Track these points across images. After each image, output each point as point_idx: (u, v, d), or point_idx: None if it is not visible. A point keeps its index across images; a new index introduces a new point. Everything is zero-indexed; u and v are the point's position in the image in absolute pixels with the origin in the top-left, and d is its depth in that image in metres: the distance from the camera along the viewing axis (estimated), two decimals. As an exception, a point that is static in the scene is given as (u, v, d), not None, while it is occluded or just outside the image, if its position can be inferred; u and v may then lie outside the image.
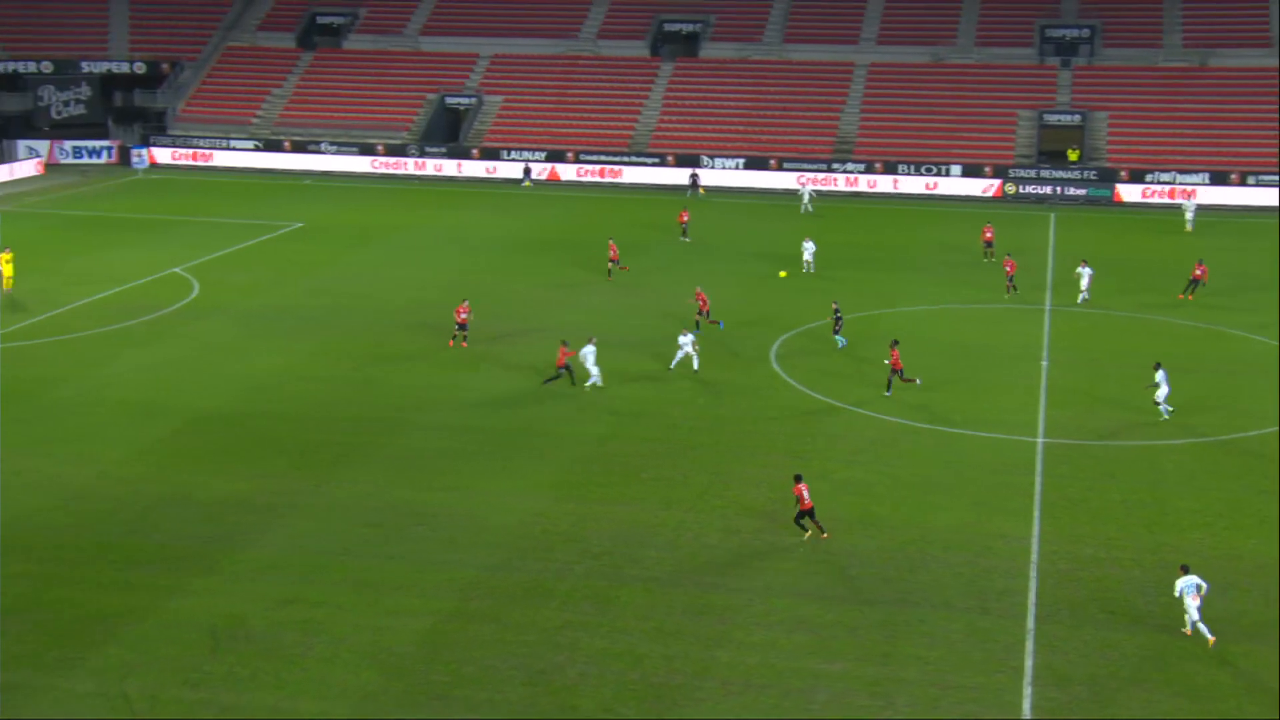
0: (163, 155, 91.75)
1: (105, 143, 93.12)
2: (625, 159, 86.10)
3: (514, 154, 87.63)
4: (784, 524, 31.34)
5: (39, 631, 26.12)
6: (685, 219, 67.08)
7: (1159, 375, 38.82)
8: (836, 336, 45.99)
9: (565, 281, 56.68)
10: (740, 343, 46.99)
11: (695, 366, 43.41)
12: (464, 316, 46.12)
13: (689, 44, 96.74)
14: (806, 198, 75.89)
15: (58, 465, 34.57)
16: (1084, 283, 52.94)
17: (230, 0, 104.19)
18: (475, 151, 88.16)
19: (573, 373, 41.73)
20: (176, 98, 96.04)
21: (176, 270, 58.18)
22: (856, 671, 25.13)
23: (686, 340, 43.49)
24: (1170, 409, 38.86)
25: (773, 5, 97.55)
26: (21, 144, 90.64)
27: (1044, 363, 44.79)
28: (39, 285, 54.88)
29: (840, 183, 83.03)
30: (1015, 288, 54.38)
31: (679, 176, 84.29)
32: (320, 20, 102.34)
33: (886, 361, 42.24)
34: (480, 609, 27.29)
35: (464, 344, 45.95)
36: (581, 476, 34.38)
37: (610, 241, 58.56)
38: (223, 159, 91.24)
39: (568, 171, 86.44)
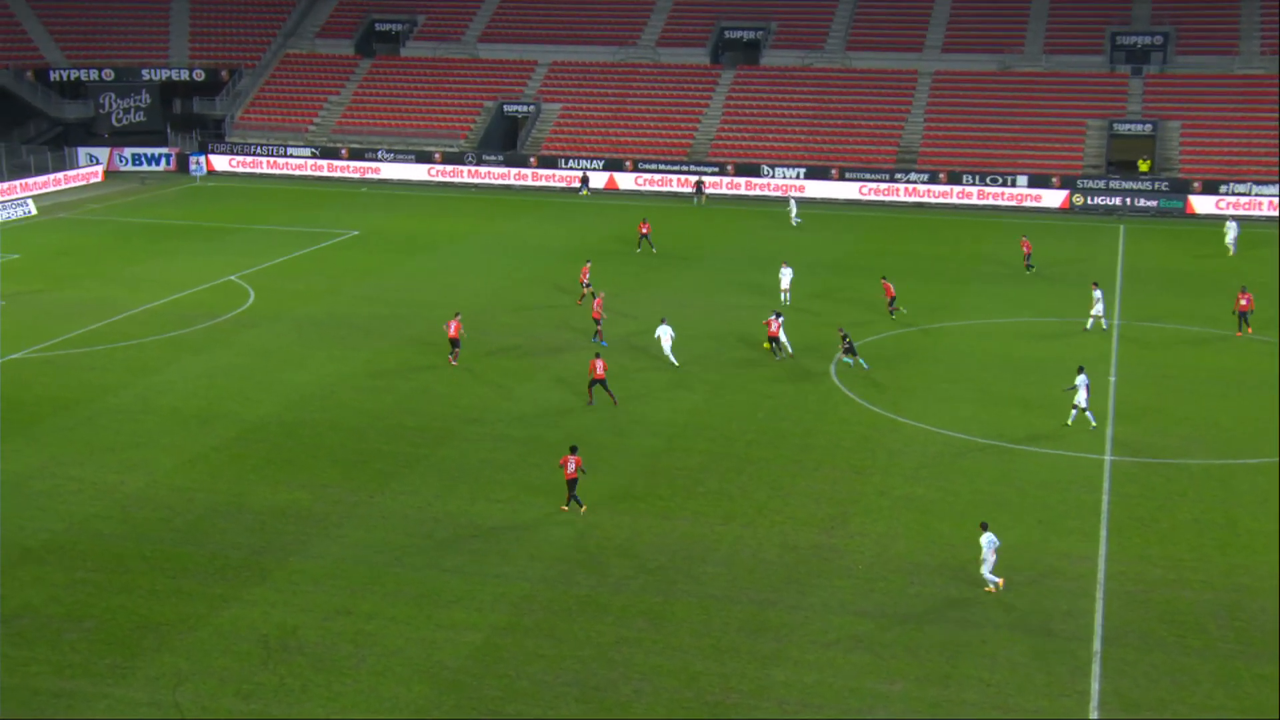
0: (220, 162, 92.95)
1: (164, 150, 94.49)
2: (684, 168, 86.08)
3: (571, 162, 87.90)
4: (844, 539, 31.11)
5: (93, 639, 26.43)
6: (646, 230, 65.25)
7: (1079, 379, 38.81)
8: (847, 359, 44.80)
9: (620, 292, 56.67)
10: (800, 354, 46.76)
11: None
12: (455, 333, 44.92)
13: (750, 51, 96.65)
14: (794, 210, 75.22)
15: (112, 473, 35.01)
16: (1097, 308, 49.90)
17: (289, 7, 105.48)
18: (532, 159, 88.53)
19: (610, 392, 41.01)
20: (234, 105, 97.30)
21: (232, 278, 58.85)
22: (916, 693, 24.85)
23: (665, 331, 45.03)
24: (1087, 415, 38.82)
25: (836, 12, 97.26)
26: (82, 151, 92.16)
27: (1111, 378, 44.19)
28: (96, 292, 55.71)
29: (901, 193, 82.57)
30: (1032, 267, 58.73)
31: (739, 186, 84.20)
32: (379, 27, 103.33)
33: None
34: (534, 623, 27.29)
35: (452, 361, 44.84)
36: (637, 489, 34.31)
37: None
38: (280, 166, 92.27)
39: (625, 180, 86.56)
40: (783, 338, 46.02)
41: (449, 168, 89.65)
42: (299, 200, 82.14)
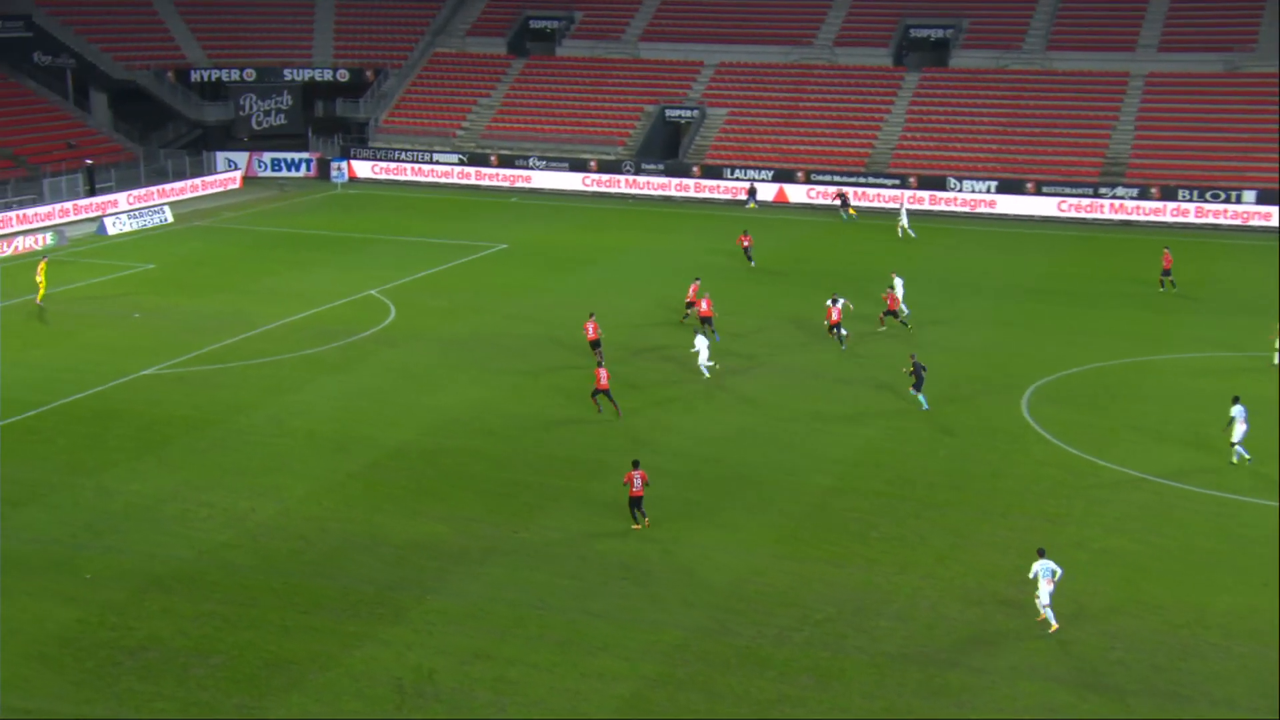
0: (363, 168, 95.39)
1: (304, 155, 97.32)
2: (862, 179, 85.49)
3: (738, 172, 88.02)
4: (1025, 594, 30.43)
5: (220, 676, 27.20)
6: (748, 242, 66.50)
7: (1235, 410, 38.73)
8: (916, 394, 43.91)
9: (789, 313, 56.48)
10: (991, 386, 45.98)
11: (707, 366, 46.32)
12: (594, 334, 47.90)
13: (938, 52, 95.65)
14: (905, 219, 75.19)
15: (243, 499, 36.08)
16: None
17: (439, 4, 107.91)
18: (695, 169, 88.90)
19: (614, 403, 42.82)
20: (379, 108, 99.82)
21: (372, 292, 60.28)
22: (1118, 773, 24.14)
23: (702, 344, 46.54)
24: (1237, 450, 38.73)
25: (1035, 8, 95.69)
26: (220, 156, 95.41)
27: (1351, 423, 42.43)
28: (231, 305, 57.60)
29: (1106, 209, 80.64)
30: (1173, 284, 59.43)
31: (923, 200, 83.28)
32: (533, 25, 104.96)
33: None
34: (688, 675, 27.24)
35: (600, 365, 45.01)
36: (804, 532, 34.08)
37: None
38: (425, 173, 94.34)
39: (797, 193, 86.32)
40: (843, 330, 49.82)
41: (605, 177, 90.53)
42: (444, 210, 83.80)
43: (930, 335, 52.89)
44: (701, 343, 47.14)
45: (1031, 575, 29.54)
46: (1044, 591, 29.13)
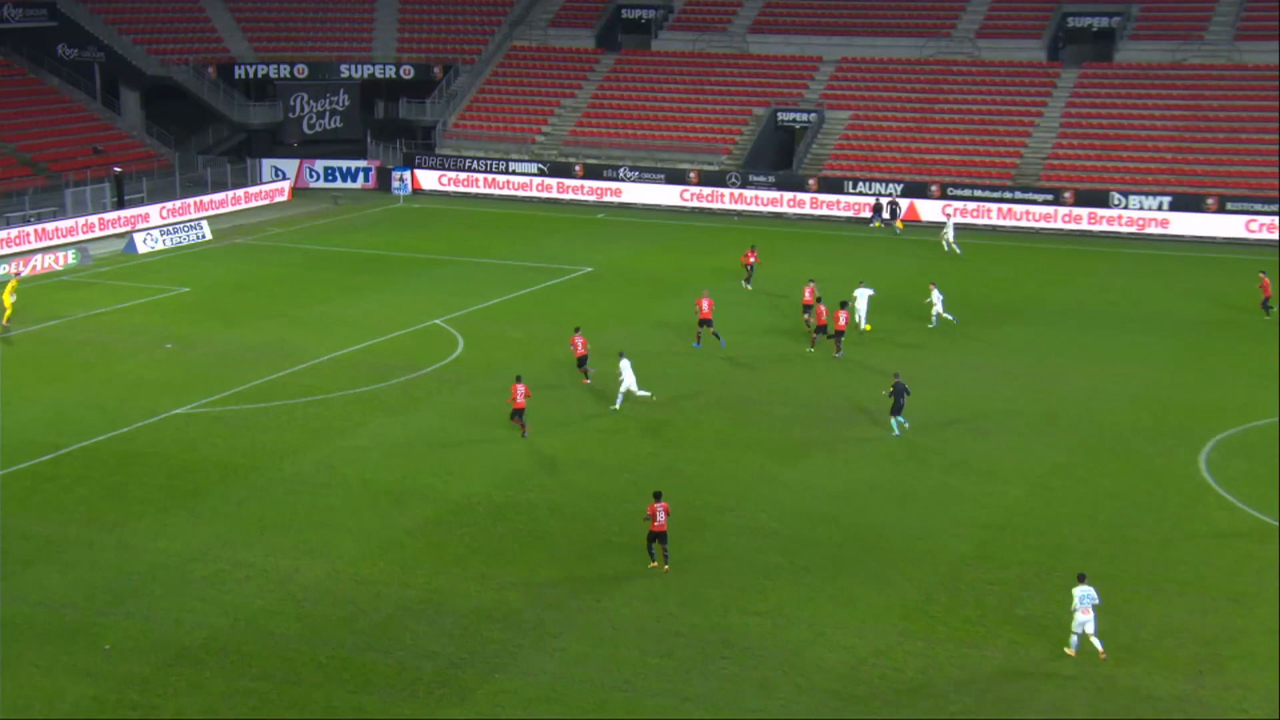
0: (428, 179, 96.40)
1: (362, 163, 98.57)
2: (1008, 194, 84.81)
3: (862, 185, 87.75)
4: (1217, 691, 29.77)
5: (254, 761, 27.36)
6: (754, 259, 68.00)
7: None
8: (894, 419, 45.95)
9: (916, 347, 56.07)
10: (1160, 437, 45.27)
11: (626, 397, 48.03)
12: (582, 350, 50.73)
13: (1101, 44, 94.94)
14: (950, 233, 76.32)
15: (286, 558, 36.35)
16: None
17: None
18: (812, 181, 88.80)
19: (523, 424, 45.79)
20: (448, 109, 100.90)
21: (437, 322, 60.72)
22: None
23: (627, 369, 48.09)
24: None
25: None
26: (266, 164, 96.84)
27: None
28: (276, 335, 58.29)
29: (1304, 230, 79.38)
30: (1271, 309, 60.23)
31: (1079, 219, 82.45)
32: (626, 14, 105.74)
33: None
34: (798, 775, 26.96)
35: (585, 380, 50.17)
36: (936, 607, 33.68)
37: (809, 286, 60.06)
38: (499, 185, 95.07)
39: (930, 209, 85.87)
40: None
41: (706, 190, 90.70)
42: (521, 227, 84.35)
43: (1082, 376, 52.26)
44: (627, 367, 48.23)
45: (1074, 605, 31.18)
46: (1084, 621, 30.99)
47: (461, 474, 42.39)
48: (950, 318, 59.63)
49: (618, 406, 48.26)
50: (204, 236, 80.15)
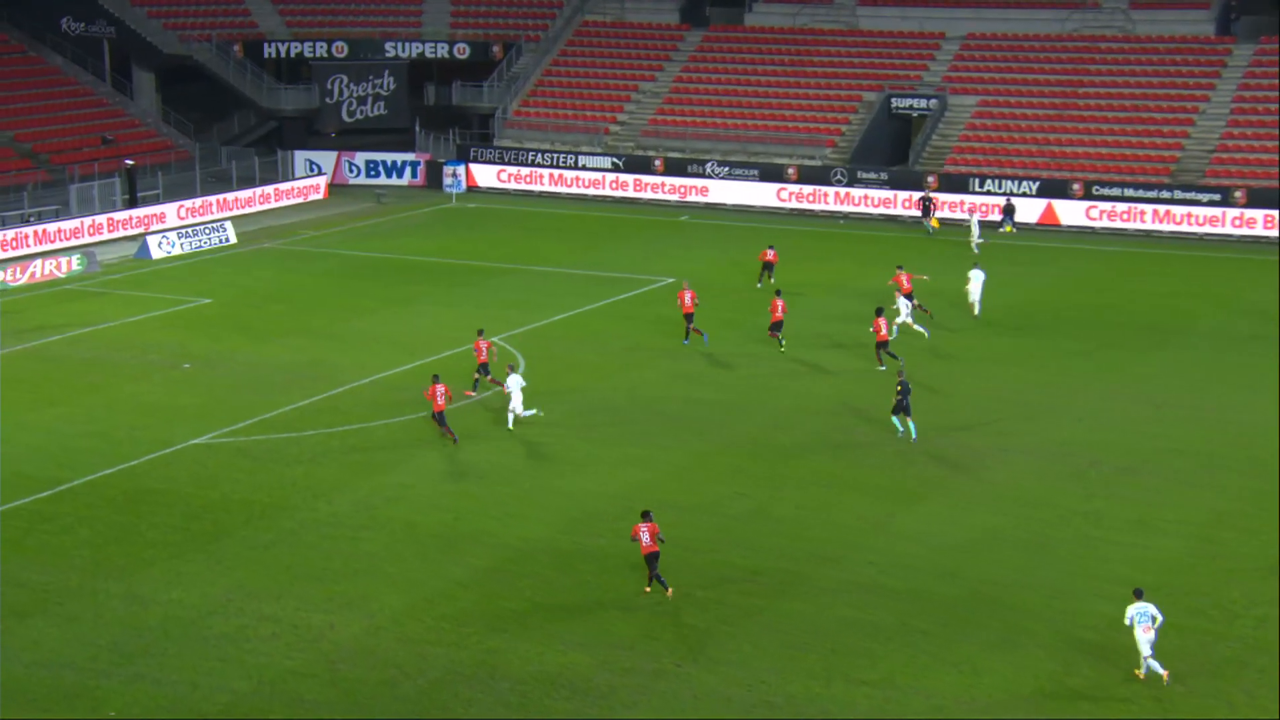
0: (485, 174, 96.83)
1: (409, 156, 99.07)
2: (1166, 194, 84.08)
3: (989, 183, 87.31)
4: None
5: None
6: (772, 258, 70.69)
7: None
8: (899, 419, 48.51)
9: (1053, 377, 55.69)
10: (1340, 485, 44.74)
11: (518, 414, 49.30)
12: (484, 357, 52.45)
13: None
14: (976, 233, 77.90)
15: (319, 612, 36.49)
16: None
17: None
18: (931, 179, 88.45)
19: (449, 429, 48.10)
20: (509, 95, 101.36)
21: (496, 340, 60.89)
22: None
23: (515, 386, 49.45)
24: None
25: None
26: (300, 156, 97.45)
27: None
28: (309, 354, 58.68)
29: None
30: None
31: (1253, 222, 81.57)
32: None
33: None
34: None
35: (492, 381, 52.00)
36: (1075, 679, 33.38)
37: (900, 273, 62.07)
38: (567, 182, 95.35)
39: (1072, 211, 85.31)
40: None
41: (808, 189, 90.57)
42: (592, 231, 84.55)
43: (1249, 408, 51.70)
44: (515, 384, 49.61)
45: (1127, 621, 32.85)
46: (1144, 641, 32.62)
47: (521, 516, 42.46)
48: (922, 330, 60.35)
49: (511, 427, 49.54)
50: (228, 240, 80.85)
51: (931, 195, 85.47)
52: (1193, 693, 32.96)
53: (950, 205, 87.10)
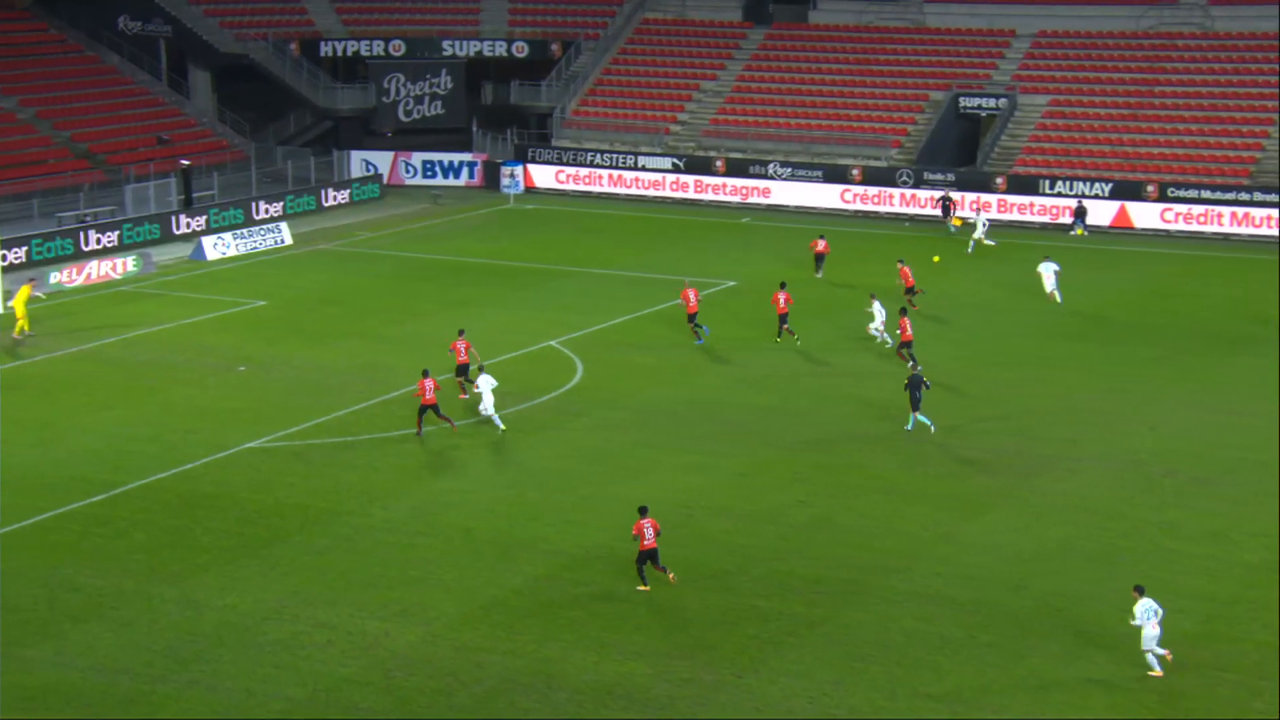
0: (543, 175, 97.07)
1: (466, 156, 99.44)
2: (1244, 196, 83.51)
3: (1061, 185, 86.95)
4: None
5: None
6: (823, 248, 73.79)
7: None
8: (917, 416, 49.93)
9: (1125, 384, 55.44)
10: None
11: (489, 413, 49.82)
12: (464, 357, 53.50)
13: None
14: (981, 231, 79.04)
15: (374, 619, 36.66)
16: None
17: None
18: (999, 180, 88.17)
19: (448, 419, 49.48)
20: (567, 94, 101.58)
21: (552, 344, 61.08)
22: None
23: (486, 386, 49.91)
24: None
25: None
26: (355, 156, 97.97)
27: None
28: (365, 357, 58.97)
29: None
30: None
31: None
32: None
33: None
34: None
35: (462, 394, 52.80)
36: (1150, 697, 33.16)
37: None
38: (626, 183, 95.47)
39: (1146, 214, 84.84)
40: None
41: (872, 190, 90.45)
42: (651, 233, 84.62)
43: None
44: (486, 383, 50.06)
45: (1138, 621, 33.47)
46: (1151, 637, 33.37)
47: (579, 522, 42.55)
48: (887, 339, 59.89)
49: (503, 428, 50.08)
50: (283, 241, 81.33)
51: (951, 195, 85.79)
52: (1270, 711, 32.71)
53: (1018, 208, 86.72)
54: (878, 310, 60.18)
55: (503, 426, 49.91)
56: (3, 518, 42.55)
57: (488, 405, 49.91)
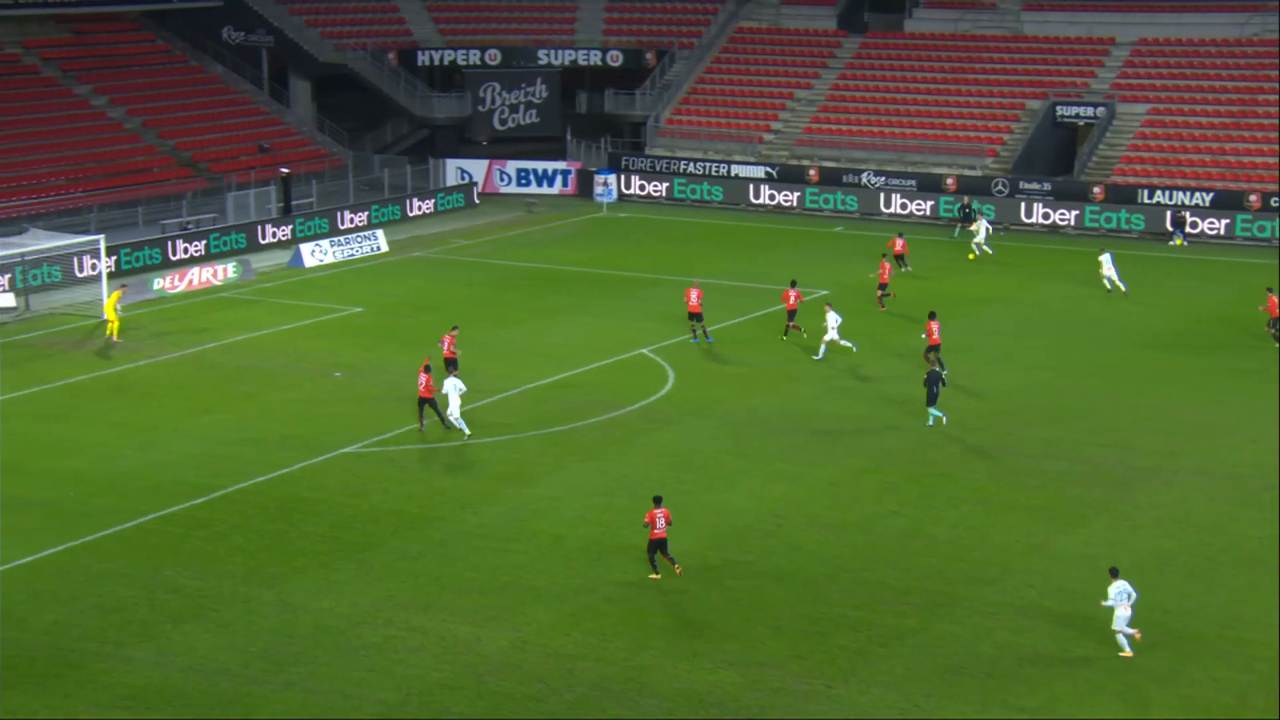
0: (637, 184, 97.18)
1: (561, 164, 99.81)
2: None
3: (1160, 195, 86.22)
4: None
5: None
6: (902, 249, 74.98)
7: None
8: (932, 410, 51.14)
9: (1225, 396, 54.95)
10: None
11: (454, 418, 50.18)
12: (451, 351, 54.50)
13: None
14: (983, 235, 79.49)
15: (466, 624, 36.92)
16: None
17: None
18: (1096, 190, 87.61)
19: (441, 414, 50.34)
20: (661, 102, 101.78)
21: (644, 351, 61.24)
22: None
23: (453, 388, 50.27)
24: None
25: None
26: (450, 164, 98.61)
27: None
28: (460, 364, 59.21)
29: None
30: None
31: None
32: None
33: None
34: None
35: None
36: (1247, 711, 32.84)
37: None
38: (721, 191, 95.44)
39: (1245, 223, 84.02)
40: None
41: (967, 199, 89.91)
42: (745, 241, 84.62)
43: None
44: (453, 386, 50.33)
45: (1110, 602, 34.83)
46: (1122, 618, 34.68)
47: (670, 530, 42.62)
48: (849, 345, 60.23)
49: (467, 431, 50.48)
50: (379, 248, 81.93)
51: (969, 203, 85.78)
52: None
53: (1118, 219, 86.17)
54: (832, 319, 59.77)
55: (468, 431, 50.20)
56: (106, 520, 43.21)
57: (455, 408, 50.15)
